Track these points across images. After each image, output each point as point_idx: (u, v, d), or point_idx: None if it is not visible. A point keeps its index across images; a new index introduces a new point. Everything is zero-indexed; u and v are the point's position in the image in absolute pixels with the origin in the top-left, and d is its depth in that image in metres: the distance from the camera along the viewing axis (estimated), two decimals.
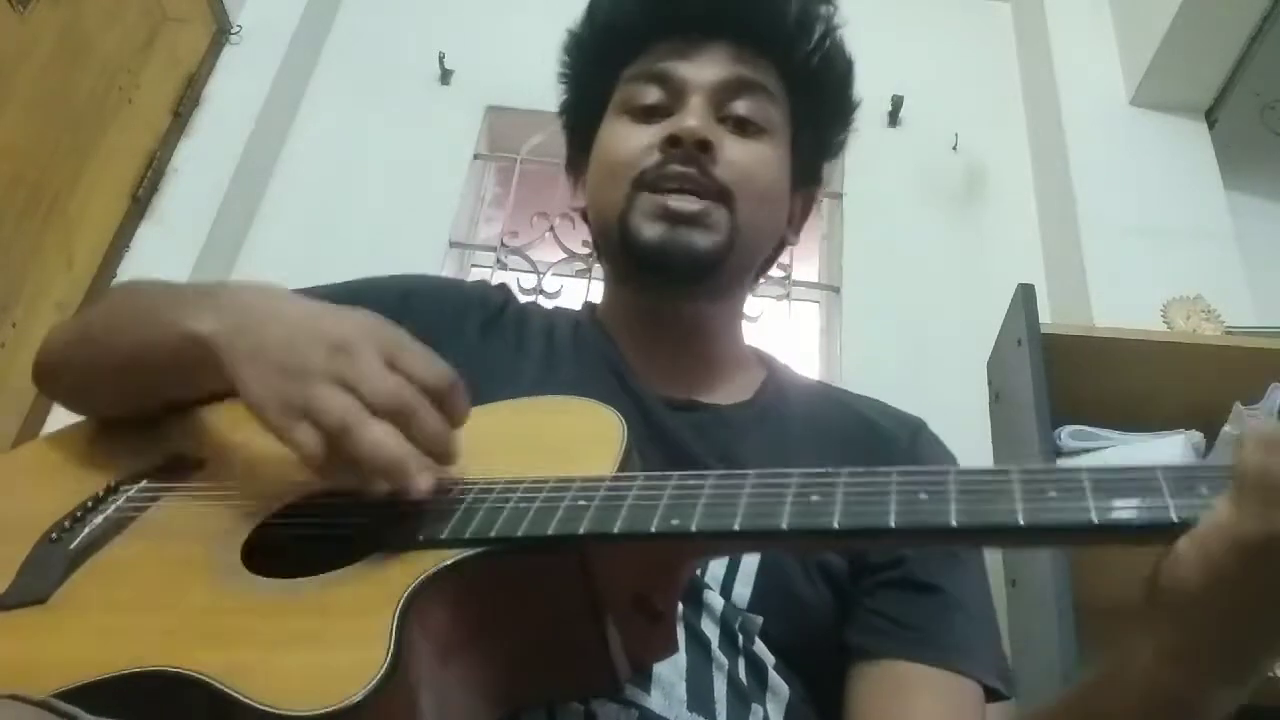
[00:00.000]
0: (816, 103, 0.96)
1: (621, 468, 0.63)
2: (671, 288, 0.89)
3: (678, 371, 0.90)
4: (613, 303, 0.96)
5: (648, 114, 0.90)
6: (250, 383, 0.63)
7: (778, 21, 0.92)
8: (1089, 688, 0.60)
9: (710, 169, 0.86)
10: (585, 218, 0.98)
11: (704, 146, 0.86)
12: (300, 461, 0.61)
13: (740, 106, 0.90)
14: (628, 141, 0.89)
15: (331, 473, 0.60)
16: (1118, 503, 0.50)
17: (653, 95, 0.90)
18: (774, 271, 2.29)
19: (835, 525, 0.53)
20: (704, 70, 0.90)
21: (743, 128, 0.90)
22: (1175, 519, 0.49)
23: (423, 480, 0.59)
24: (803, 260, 2.40)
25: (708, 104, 0.88)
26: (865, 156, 2.39)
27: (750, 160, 0.88)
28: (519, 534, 0.57)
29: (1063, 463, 1.65)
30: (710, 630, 0.72)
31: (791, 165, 0.94)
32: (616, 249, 0.89)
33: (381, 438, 0.58)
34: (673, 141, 0.86)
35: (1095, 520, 0.49)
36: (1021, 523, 0.50)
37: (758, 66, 0.91)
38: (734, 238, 0.86)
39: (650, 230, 0.85)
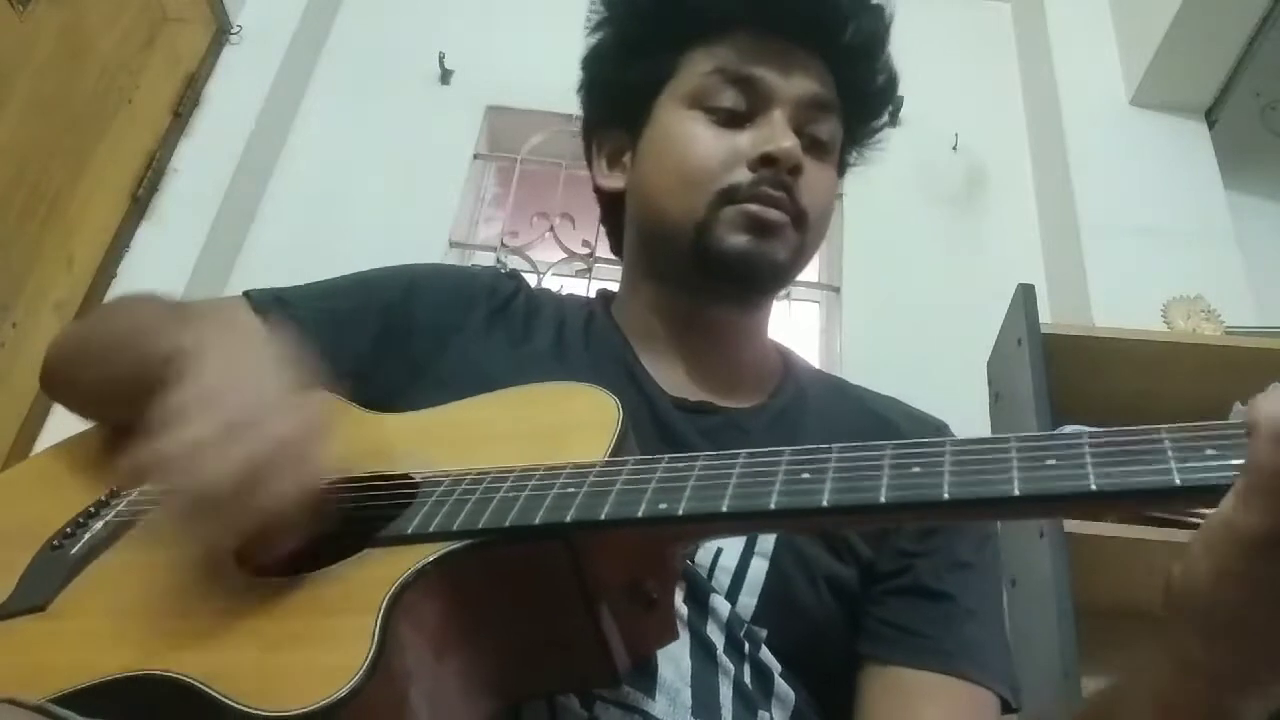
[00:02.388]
0: (864, 123, 0.95)
1: (616, 452, 0.62)
2: (735, 295, 0.87)
3: (694, 373, 0.87)
4: (632, 299, 0.92)
5: (730, 119, 0.86)
6: (183, 396, 0.60)
7: (863, 39, 0.89)
8: (1107, 701, 0.59)
9: (795, 193, 0.84)
10: (609, 199, 0.95)
11: (796, 172, 0.84)
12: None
13: (819, 130, 0.87)
14: (713, 149, 0.85)
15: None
16: (1119, 469, 0.48)
17: (733, 99, 0.86)
18: None
19: (824, 503, 0.52)
20: (792, 84, 0.86)
21: (816, 149, 0.87)
22: (1179, 483, 0.47)
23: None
24: None
25: (790, 119, 0.85)
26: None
27: (825, 186, 0.88)
28: (506, 524, 0.56)
29: None
30: (716, 636, 0.71)
31: None
32: (684, 254, 0.85)
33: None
34: (767, 161, 0.83)
35: (1094, 487, 0.48)
36: (1017, 493, 0.49)
37: (828, 83, 0.89)
38: (797, 260, 0.86)
39: (735, 240, 0.82)
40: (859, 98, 0.92)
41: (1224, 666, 0.49)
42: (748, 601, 0.73)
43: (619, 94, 0.93)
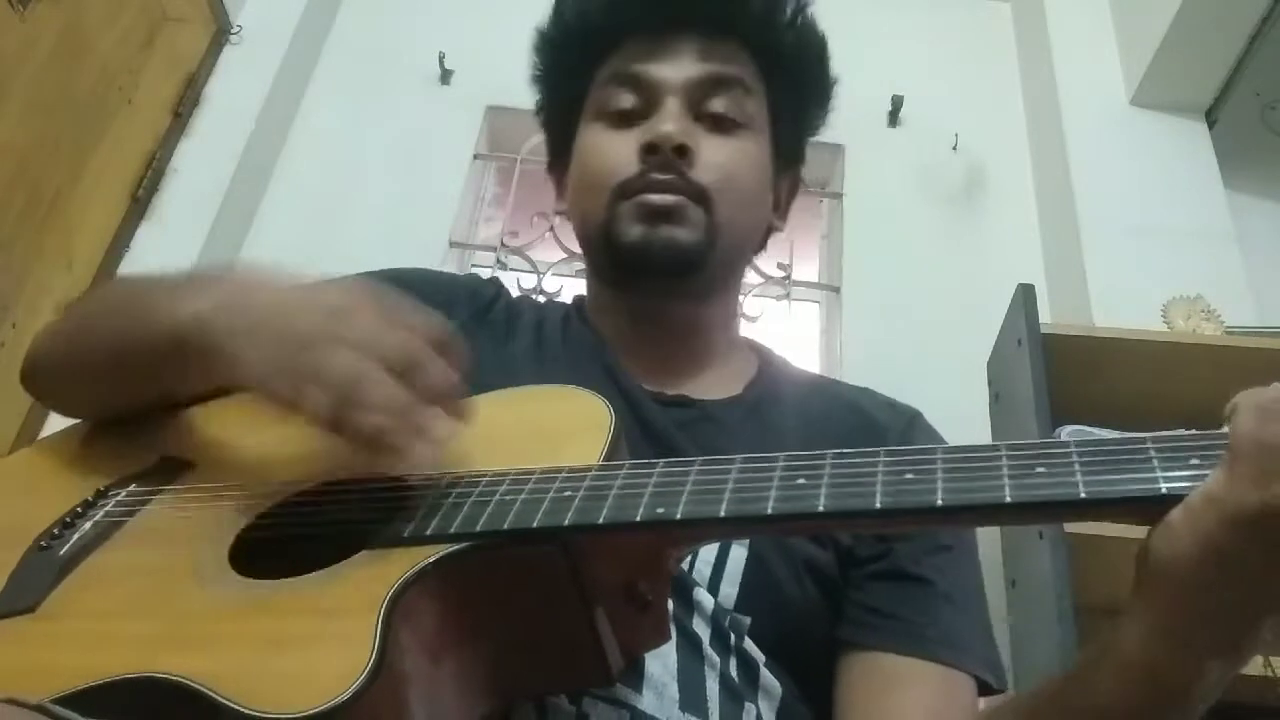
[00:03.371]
0: (795, 84, 0.94)
1: (609, 456, 0.63)
2: (656, 285, 0.88)
3: (666, 367, 0.89)
4: (598, 300, 0.95)
5: (624, 119, 0.89)
6: (250, 356, 0.63)
7: (746, 9, 0.91)
8: (1077, 671, 0.59)
9: (688, 173, 0.85)
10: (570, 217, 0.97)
11: (681, 152, 0.85)
12: (308, 440, 0.61)
13: (717, 104, 0.88)
14: (606, 151, 0.88)
15: (345, 446, 0.60)
16: (1106, 476, 0.50)
17: (627, 99, 0.89)
18: (774, 271, 2.32)
19: (820, 508, 0.53)
20: (677, 70, 0.88)
21: (720, 124, 0.88)
22: (1164, 491, 0.48)
23: (427, 451, 0.59)
24: (803, 260, 2.40)
25: (683, 104, 0.87)
26: (865, 156, 2.39)
27: (729, 159, 0.87)
28: (504, 527, 0.57)
29: None
30: (701, 629, 0.71)
31: (773, 151, 0.93)
32: (601, 254, 0.89)
33: (395, 390, 0.59)
34: (650, 149, 0.85)
35: (1083, 495, 0.49)
36: (1009, 500, 0.50)
37: (731, 58, 0.90)
38: (714, 237, 0.85)
39: (632, 231, 0.84)
40: (779, 67, 0.93)
41: (1194, 634, 0.50)
42: (729, 591, 0.74)
43: (553, 130, 1.00)
